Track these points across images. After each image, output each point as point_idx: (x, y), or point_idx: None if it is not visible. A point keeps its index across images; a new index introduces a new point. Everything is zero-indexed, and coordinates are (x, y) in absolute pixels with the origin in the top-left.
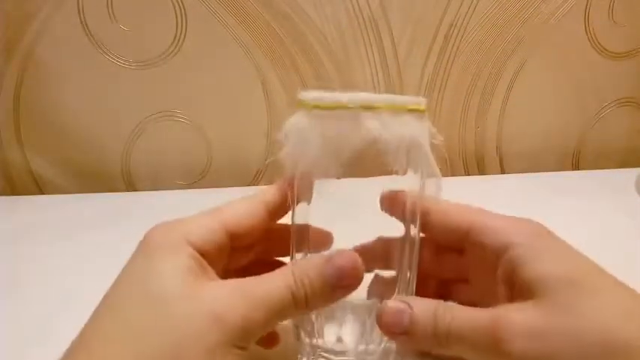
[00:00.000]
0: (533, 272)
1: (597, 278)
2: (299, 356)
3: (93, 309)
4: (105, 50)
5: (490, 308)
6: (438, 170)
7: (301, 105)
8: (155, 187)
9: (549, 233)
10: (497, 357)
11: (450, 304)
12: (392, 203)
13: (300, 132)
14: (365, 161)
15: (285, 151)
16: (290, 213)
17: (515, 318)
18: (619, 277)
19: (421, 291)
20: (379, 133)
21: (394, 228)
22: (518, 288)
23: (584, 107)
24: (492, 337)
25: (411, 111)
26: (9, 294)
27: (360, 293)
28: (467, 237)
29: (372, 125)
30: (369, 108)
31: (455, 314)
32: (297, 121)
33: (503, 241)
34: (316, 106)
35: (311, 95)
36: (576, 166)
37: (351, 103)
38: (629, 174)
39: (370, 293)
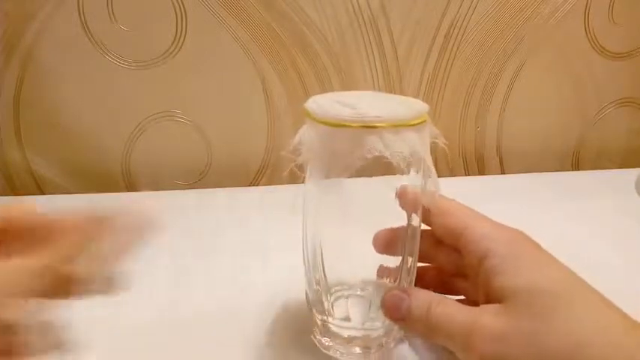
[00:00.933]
0: (505, 282)
1: (574, 289)
2: (313, 333)
3: (92, 309)
4: (105, 50)
5: (472, 308)
6: (436, 175)
7: (309, 117)
8: (155, 187)
9: (528, 242)
10: (471, 354)
11: (444, 299)
12: (403, 198)
13: (309, 144)
14: (370, 165)
15: (298, 157)
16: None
17: (485, 321)
18: (618, 277)
19: (425, 278)
20: (381, 151)
21: (395, 223)
22: (491, 297)
23: (584, 107)
24: (468, 336)
25: (413, 125)
26: None
27: (369, 275)
28: (460, 240)
29: (374, 143)
30: (370, 127)
31: (444, 310)
32: (306, 132)
33: (483, 250)
34: (322, 122)
35: (317, 107)
36: (576, 166)
37: (354, 122)
38: (629, 174)
39: (379, 275)
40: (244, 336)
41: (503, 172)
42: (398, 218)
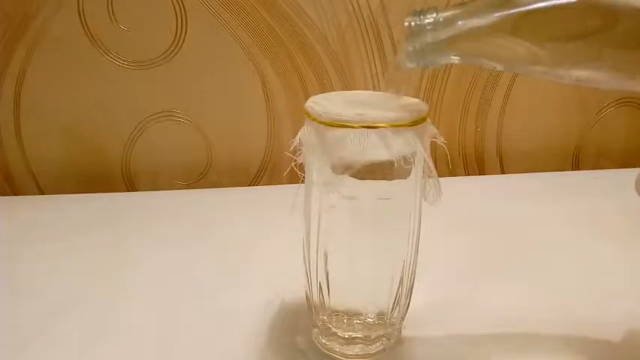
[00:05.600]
0: None
1: None
2: (313, 333)
3: (93, 309)
4: (105, 50)
5: None
6: (436, 175)
7: (309, 117)
8: (155, 187)
9: None
10: None
11: None
12: None
13: (309, 144)
14: (371, 165)
15: (298, 157)
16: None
17: None
18: (619, 277)
19: None
20: (382, 151)
21: (395, 225)
22: None
23: (584, 107)
24: None
25: (413, 125)
26: (9, 294)
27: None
28: None
29: (375, 143)
30: (370, 127)
31: None
32: (306, 132)
33: None
34: (322, 122)
35: (317, 107)
36: (576, 166)
37: (354, 122)
38: (629, 174)
39: None
40: (244, 336)
41: (503, 172)
42: (398, 218)
